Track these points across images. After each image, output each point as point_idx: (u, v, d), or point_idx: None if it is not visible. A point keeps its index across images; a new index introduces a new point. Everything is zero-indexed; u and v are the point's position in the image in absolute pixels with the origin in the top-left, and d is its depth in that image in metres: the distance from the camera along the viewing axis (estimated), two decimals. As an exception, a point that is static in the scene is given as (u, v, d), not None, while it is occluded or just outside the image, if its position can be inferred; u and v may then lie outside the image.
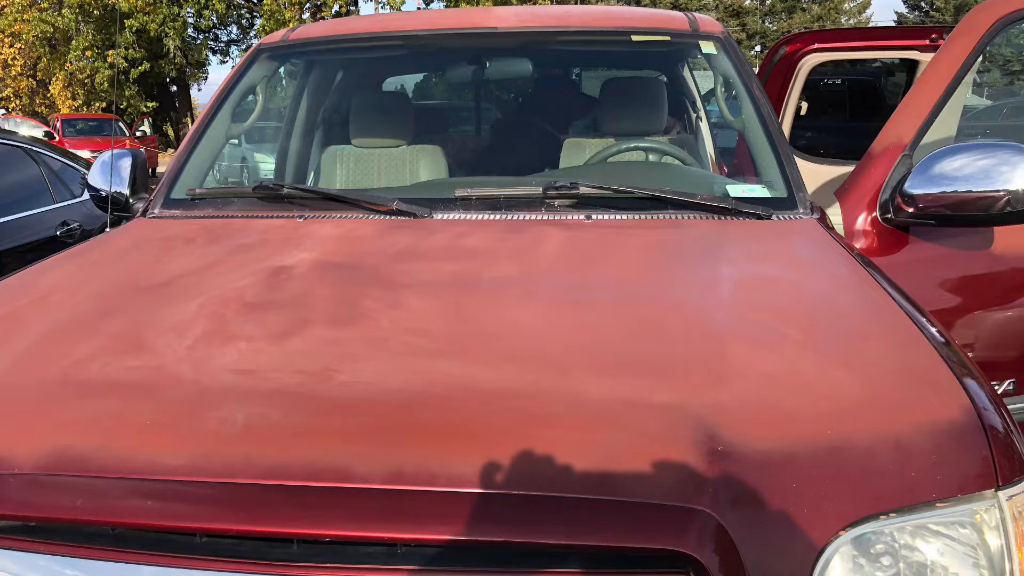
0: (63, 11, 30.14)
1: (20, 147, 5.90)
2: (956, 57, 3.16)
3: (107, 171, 3.05)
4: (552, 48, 3.77)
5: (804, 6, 45.68)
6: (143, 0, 29.34)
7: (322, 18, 29.00)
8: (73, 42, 31.13)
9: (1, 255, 5.00)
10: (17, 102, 35.32)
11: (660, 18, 3.39)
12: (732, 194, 2.63)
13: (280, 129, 4.24)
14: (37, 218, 5.56)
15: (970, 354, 1.89)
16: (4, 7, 31.06)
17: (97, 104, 33.60)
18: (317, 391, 1.56)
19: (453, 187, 2.69)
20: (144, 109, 33.96)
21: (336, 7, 30.55)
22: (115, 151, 3.14)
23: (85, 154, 13.19)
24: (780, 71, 6.20)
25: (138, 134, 25.38)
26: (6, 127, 19.50)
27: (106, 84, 31.96)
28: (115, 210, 3.00)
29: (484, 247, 2.28)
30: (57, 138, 22.74)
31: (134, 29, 30.44)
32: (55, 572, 1.37)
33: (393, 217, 2.56)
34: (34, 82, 35.41)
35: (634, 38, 3.24)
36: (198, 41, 36.94)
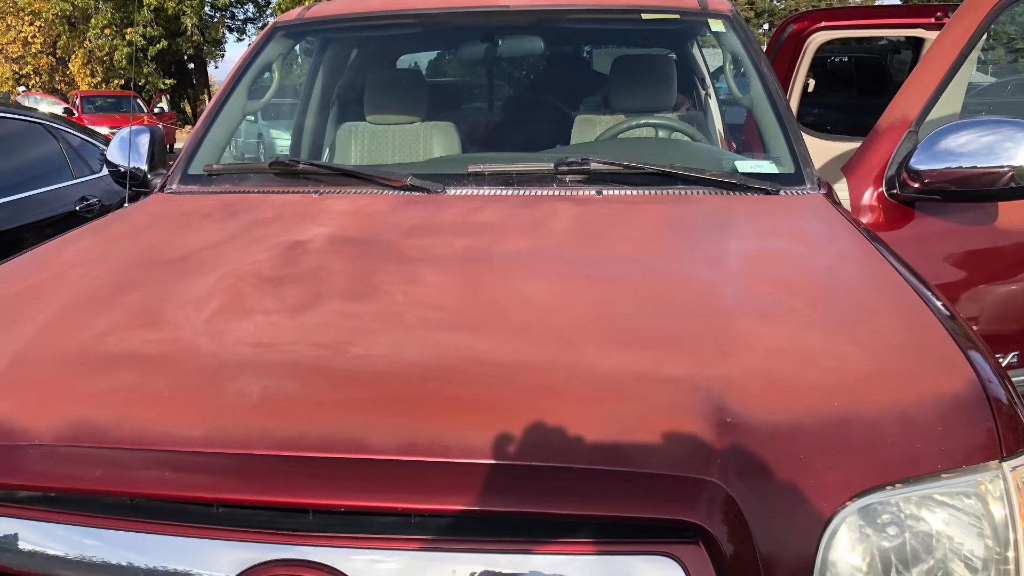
0: (82, -11, 30.23)
1: (40, 124, 5.93)
2: (961, 35, 3.17)
3: (125, 147, 3.07)
4: (563, 26, 3.80)
5: (811, -15, 45.22)
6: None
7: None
8: (92, 20, 31.24)
9: (21, 230, 5.03)
10: (37, 79, 35.45)
11: None
12: (741, 170, 2.63)
13: (296, 106, 4.26)
14: (56, 193, 5.59)
15: (975, 327, 1.90)
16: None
17: (116, 81, 33.75)
18: (332, 364, 1.58)
19: (466, 163, 2.70)
20: (162, 86, 34.04)
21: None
22: (133, 127, 3.16)
23: (104, 130, 13.22)
24: (788, 49, 6.21)
25: (156, 111, 25.40)
26: (26, 104, 19.62)
27: (125, 62, 32.07)
28: (133, 186, 3.02)
29: (496, 222, 2.29)
30: (76, 115, 22.84)
31: (152, 7, 30.53)
32: (74, 542, 1.39)
33: (407, 192, 2.57)
34: (54, 60, 35.52)
35: (644, 16, 3.24)
36: (215, 19, 37.00)
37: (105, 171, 4.52)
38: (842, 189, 3.13)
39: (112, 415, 1.47)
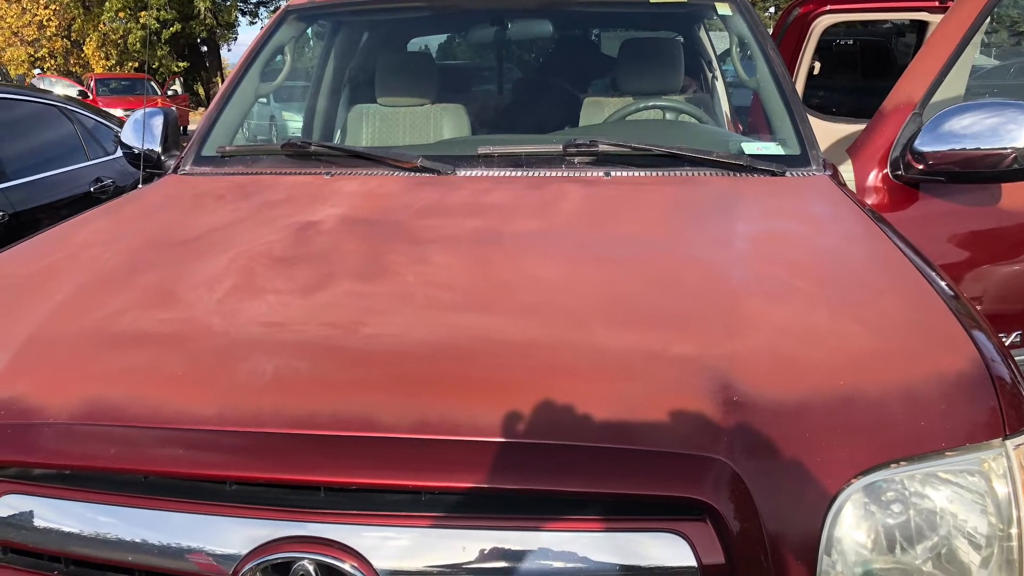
0: (96, -27, 30.27)
1: (55, 106, 5.95)
2: (965, 18, 3.17)
3: (139, 129, 3.08)
4: (572, 9, 3.82)
5: (817, -31, 44.98)
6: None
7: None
8: (106, 3, 31.29)
9: (37, 211, 5.05)
10: (52, 62, 35.53)
11: None
12: (747, 151, 2.64)
13: (308, 88, 4.27)
14: (71, 175, 5.61)
15: (978, 307, 1.90)
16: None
17: (130, 64, 33.83)
18: (344, 343, 1.59)
19: (476, 145, 2.71)
20: (175, 69, 34.10)
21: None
22: (147, 110, 3.17)
23: (118, 112, 13.30)
24: (794, 32, 6.24)
25: (170, 93, 25.52)
26: (41, 86, 19.66)
27: (138, 44, 32.13)
28: (147, 167, 3.04)
29: (506, 203, 2.30)
30: (91, 97, 22.91)
31: (166, -9, 30.54)
32: (89, 519, 1.42)
33: (417, 174, 2.58)
34: (68, 43, 35.58)
35: (652, 0, 3.24)
36: (228, 2, 36.95)
37: (119, 153, 4.54)
38: (847, 170, 3.15)
39: (126, 394, 1.49)
